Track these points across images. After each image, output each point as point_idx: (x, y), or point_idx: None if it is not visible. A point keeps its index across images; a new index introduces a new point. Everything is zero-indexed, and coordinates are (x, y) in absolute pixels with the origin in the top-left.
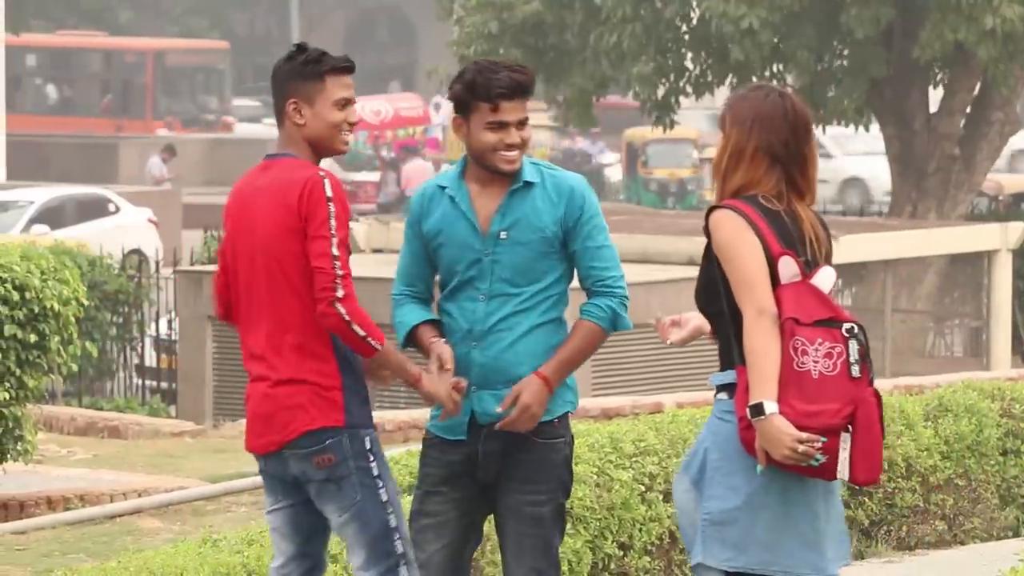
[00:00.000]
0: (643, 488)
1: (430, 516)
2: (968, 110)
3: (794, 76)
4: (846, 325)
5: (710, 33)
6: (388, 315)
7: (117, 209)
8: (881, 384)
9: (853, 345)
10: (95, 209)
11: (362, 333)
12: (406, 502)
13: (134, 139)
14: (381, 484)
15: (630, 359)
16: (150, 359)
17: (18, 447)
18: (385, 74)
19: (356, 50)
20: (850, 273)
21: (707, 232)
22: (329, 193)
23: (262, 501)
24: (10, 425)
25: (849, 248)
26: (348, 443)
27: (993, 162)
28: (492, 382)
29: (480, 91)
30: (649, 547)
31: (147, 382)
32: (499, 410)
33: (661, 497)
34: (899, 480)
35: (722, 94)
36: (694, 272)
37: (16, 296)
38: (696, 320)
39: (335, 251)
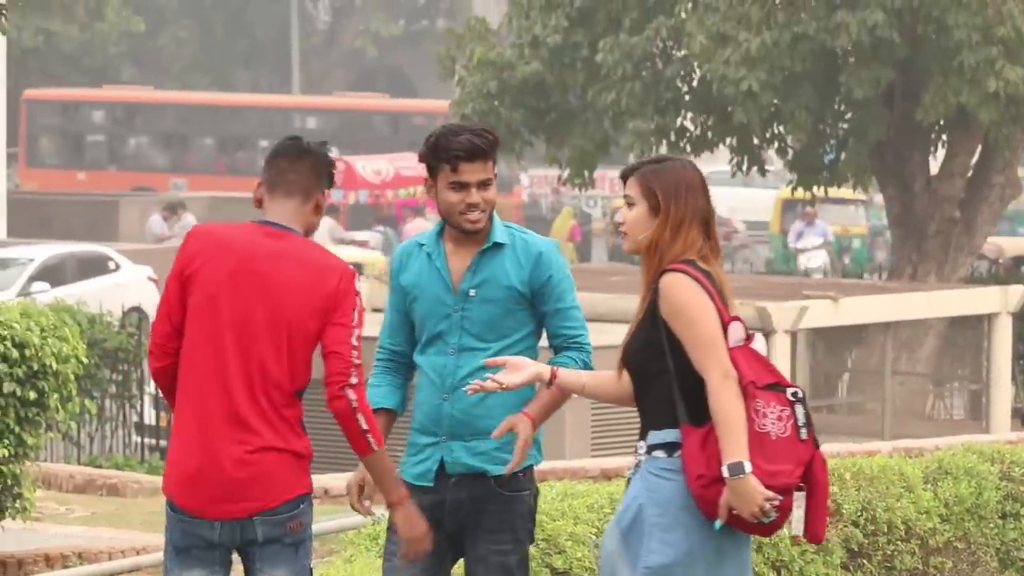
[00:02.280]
0: None
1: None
2: (969, 173)
3: (793, 138)
4: (790, 390)
5: (711, 94)
6: None
7: (117, 267)
8: (880, 446)
9: (799, 409)
10: (95, 267)
11: (364, 426)
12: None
13: (135, 196)
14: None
15: (629, 420)
16: (149, 417)
17: (16, 504)
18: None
19: None
20: (850, 335)
21: (654, 295)
22: (358, 287)
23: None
24: (8, 482)
25: (849, 310)
26: (310, 509)
27: (994, 225)
28: (462, 434)
29: (441, 153)
30: None
31: (146, 440)
32: (494, 436)
33: None
34: (898, 543)
35: (722, 155)
36: None
37: (15, 353)
38: (535, 367)
39: (354, 340)
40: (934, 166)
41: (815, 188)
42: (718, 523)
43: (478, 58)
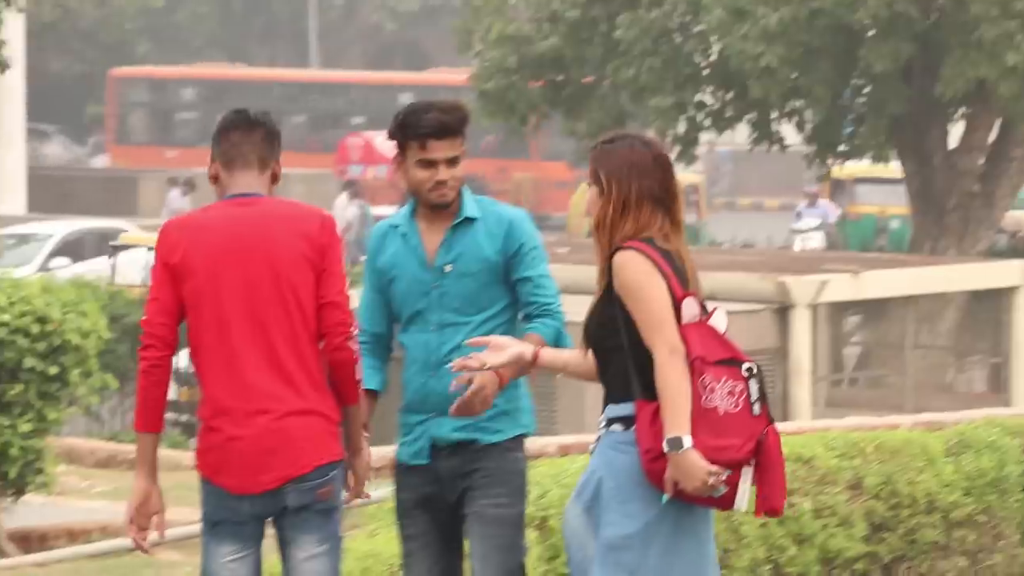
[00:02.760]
0: None
1: (414, 539)
2: (988, 147)
3: (812, 112)
4: (745, 365)
5: (729, 69)
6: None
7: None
8: (901, 420)
9: (753, 384)
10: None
11: (359, 377)
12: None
13: (153, 172)
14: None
15: None
16: (171, 392)
17: (39, 479)
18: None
19: None
20: (871, 309)
21: (609, 272)
22: (338, 234)
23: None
24: (31, 457)
25: (870, 284)
26: (341, 476)
27: (1013, 199)
28: (446, 410)
29: (410, 130)
30: None
31: (167, 415)
32: (452, 388)
33: None
34: (920, 516)
35: (742, 130)
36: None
37: (36, 329)
38: (517, 347)
39: (346, 290)
40: (954, 141)
41: (830, 161)
42: (664, 497)
43: (497, 33)
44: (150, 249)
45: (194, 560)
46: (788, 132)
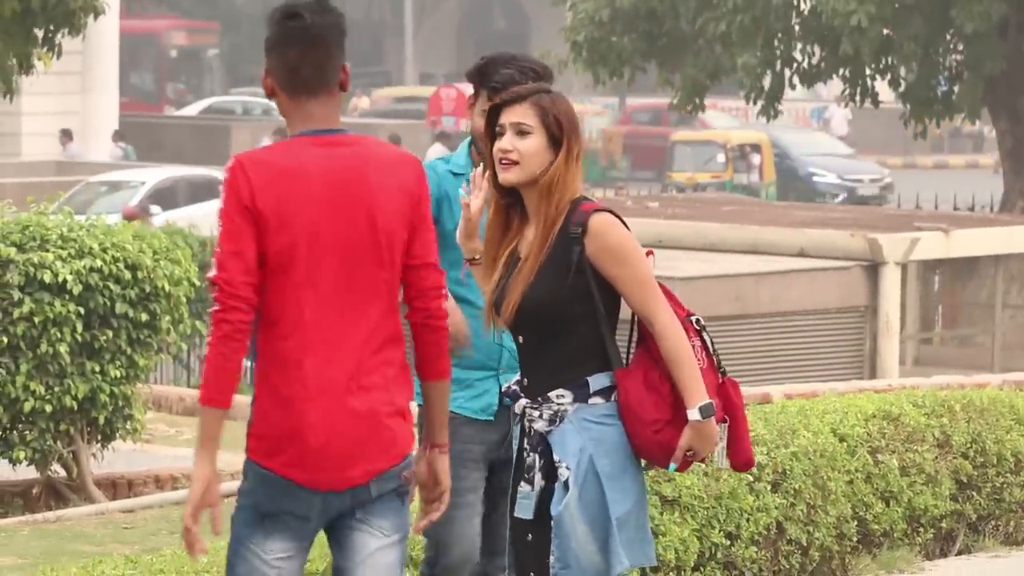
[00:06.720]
0: (751, 478)
1: (472, 491)
2: None
3: (905, 70)
4: (694, 317)
5: (820, 24)
6: None
7: None
8: (990, 379)
9: (706, 337)
10: (206, 190)
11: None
12: None
13: (245, 120)
14: None
15: (738, 350)
16: None
17: (127, 426)
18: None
19: (469, 34)
20: (960, 268)
21: (581, 235)
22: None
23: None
24: (120, 404)
25: (959, 243)
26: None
27: None
28: (515, 367)
29: (484, 79)
30: (756, 537)
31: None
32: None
33: (769, 487)
34: (1008, 475)
35: (834, 86)
36: (804, 264)
37: (128, 275)
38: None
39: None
40: None
41: (927, 120)
42: (673, 466)
43: None
44: None
45: None
46: (883, 89)
